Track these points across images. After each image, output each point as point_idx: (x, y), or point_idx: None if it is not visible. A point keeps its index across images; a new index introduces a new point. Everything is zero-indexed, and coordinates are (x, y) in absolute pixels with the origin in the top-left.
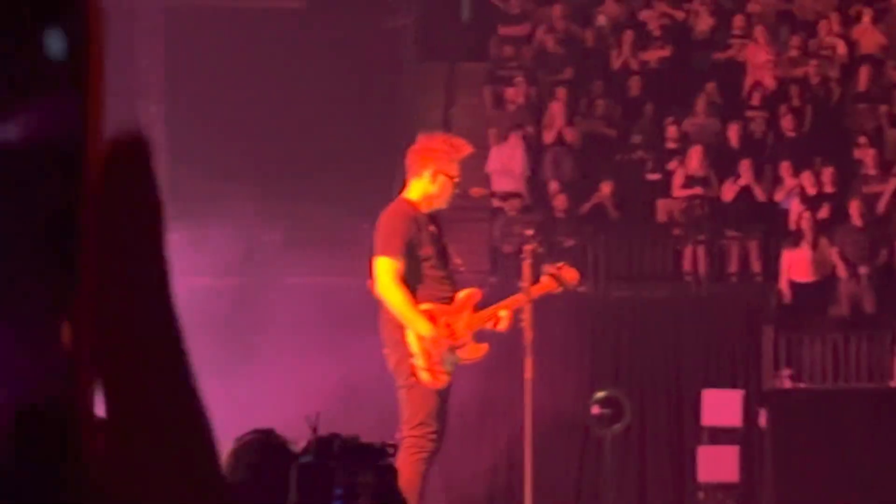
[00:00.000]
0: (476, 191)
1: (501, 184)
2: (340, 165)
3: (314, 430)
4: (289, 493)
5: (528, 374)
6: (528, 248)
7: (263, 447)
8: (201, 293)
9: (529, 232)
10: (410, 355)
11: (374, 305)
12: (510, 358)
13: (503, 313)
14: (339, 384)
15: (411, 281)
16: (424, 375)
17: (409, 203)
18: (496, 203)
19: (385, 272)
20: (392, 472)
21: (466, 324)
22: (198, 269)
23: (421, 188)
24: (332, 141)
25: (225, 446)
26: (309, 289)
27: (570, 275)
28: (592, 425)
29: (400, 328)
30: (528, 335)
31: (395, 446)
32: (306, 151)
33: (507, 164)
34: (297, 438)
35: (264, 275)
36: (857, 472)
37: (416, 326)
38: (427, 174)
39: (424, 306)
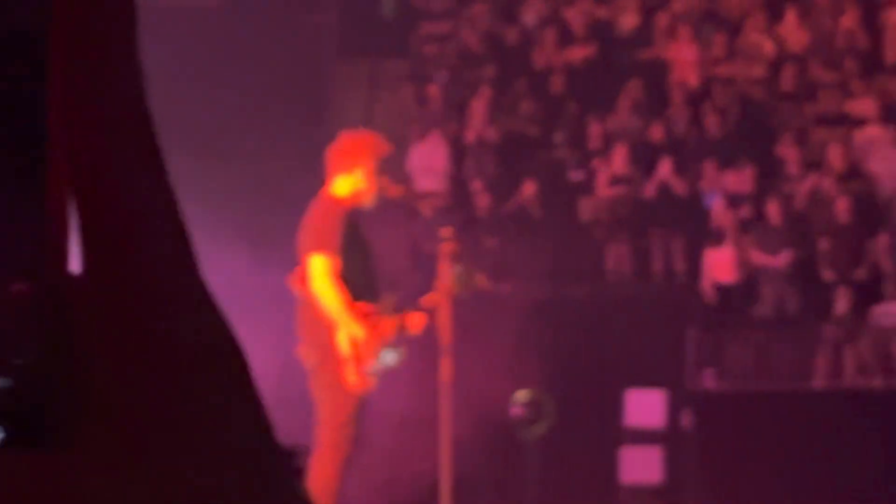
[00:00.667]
0: (398, 189)
1: (423, 182)
2: (261, 163)
3: None
4: None
5: (445, 375)
6: (446, 247)
7: None
8: None
9: (446, 231)
10: (338, 357)
11: (284, 301)
12: (428, 360)
13: (420, 316)
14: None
15: (341, 279)
16: (352, 379)
17: (340, 200)
18: (419, 202)
19: (322, 270)
20: (301, 475)
21: (388, 327)
22: None
23: (350, 185)
24: (252, 139)
25: None
26: (228, 290)
27: (480, 280)
28: (515, 426)
29: (329, 328)
30: (445, 337)
31: (305, 447)
32: (227, 150)
33: (428, 162)
34: None
35: None
36: (780, 473)
37: (351, 328)
38: (359, 171)
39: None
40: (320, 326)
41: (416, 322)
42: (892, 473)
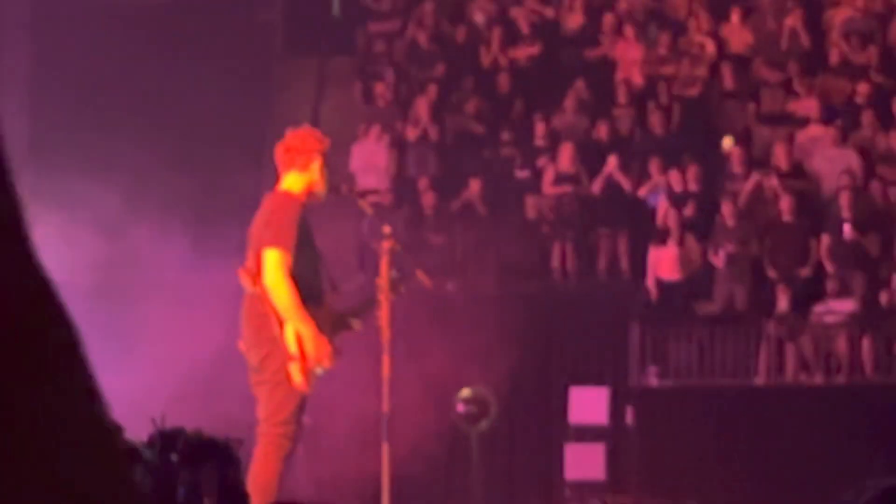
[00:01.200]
0: (346, 186)
1: (365, 180)
2: (207, 160)
3: (156, 426)
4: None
5: (386, 371)
6: (385, 244)
7: None
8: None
9: (387, 229)
10: (284, 353)
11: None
12: (373, 357)
13: (353, 322)
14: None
15: (292, 276)
16: (297, 377)
17: (293, 196)
18: (360, 200)
19: (276, 265)
20: (236, 466)
21: (332, 326)
22: (65, 266)
23: (304, 181)
24: (199, 136)
25: None
26: (175, 284)
27: (421, 277)
28: (459, 423)
29: (276, 324)
30: (385, 333)
31: (240, 440)
32: (174, 146)
33: (369, 160)
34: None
35: (132, 271)
36: (722, 469)
37: (301, 326)
38: (315, 167)
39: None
40: (267, 322)
41: (359, 321)
42: (830, 470)
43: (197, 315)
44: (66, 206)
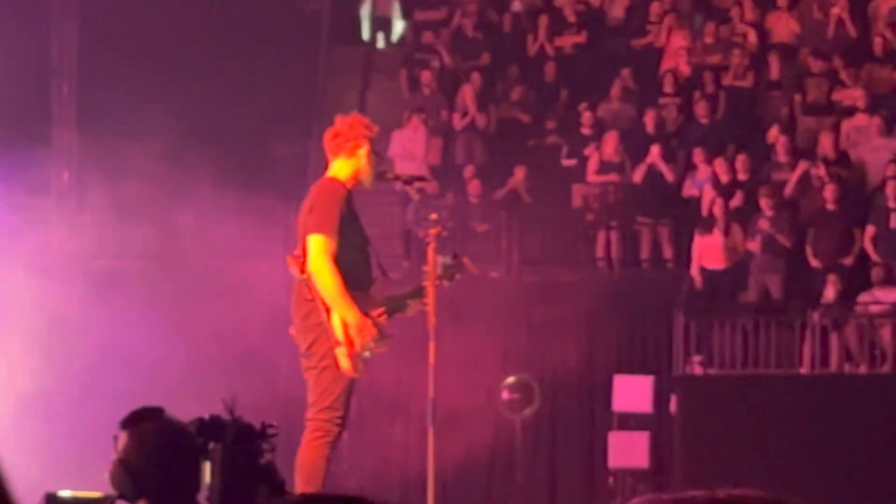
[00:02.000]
0: (392, 173)
1: (404, 168)
2: (256, 149)
3: (231, 412)
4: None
5: (432, 358)
6: (432, 231)
7: (167, 431)
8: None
9: (433, 216)
10: (332, 338)
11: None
12: (417, 344)
13: (410, 304)
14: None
15: (337, 262)
16: (344, 362)
17: (339, 182)
18: (407, 187)
19: (320, 251)
20: (272, 452)
21: (381, 313)
22: (110, 252)
23: (350, 167)
24: (246, 121)
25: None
26: (220, 270)
27: (467, 265)
28: (503, 410)
29: (323, 310)
30: (432, 320)
31: (274, 427)
32: (221, 132)
33: (408, 147)
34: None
35: (177, 257)
36: (765, 458)
37: (345, 312)
38: (362, 153)
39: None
40: (314, 308)
41: (410, 308)
42: (875, 459)
43: (249, 299)
44: (118, 181)
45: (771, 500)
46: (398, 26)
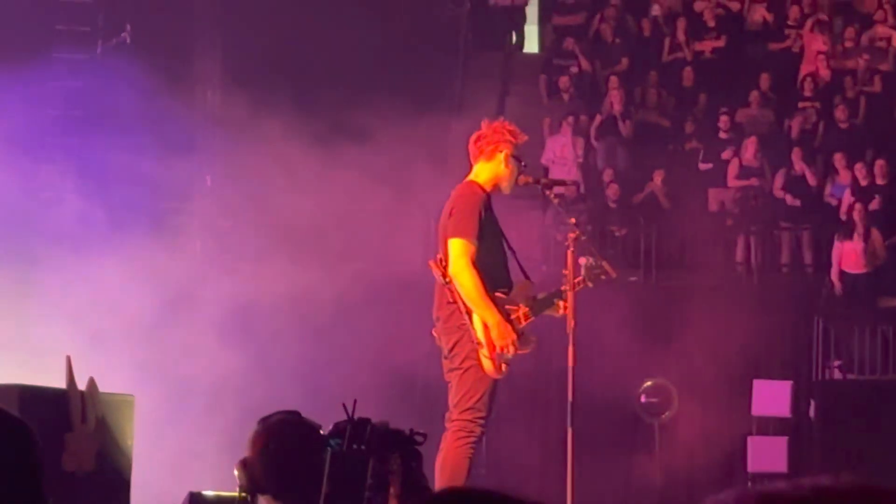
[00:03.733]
0: (523, 179)
1: (558, 173)
2: (395, 153)
3: (350, 415)
4: (321, 479)
5: (571, 362)
6: (571, 235)
7: (295, 430)
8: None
9: (572, 220)
10: (474, 340)
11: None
12: (554, 347)
13: (558, 304)
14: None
15: (478, 265)
16: (487, 364)
17: (479, 186)
18: (547, 191)
19: (461, 254)
20: (419, 459)
21: (523, 315)
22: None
23: (491, 172)
24: (384, 125)
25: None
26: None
27: (607, 268)
28: (641, 413)
29: (465, 312)
30: (571, 323)
31: (423, 434)
32: (359, 135)
33: (560, 152)
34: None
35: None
36: None
37: (486, 315)
38: (500, 157)
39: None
40: (457, 310)
41: (557, 308)
42: None
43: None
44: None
45: (859, 489)
46: (534, 32)
